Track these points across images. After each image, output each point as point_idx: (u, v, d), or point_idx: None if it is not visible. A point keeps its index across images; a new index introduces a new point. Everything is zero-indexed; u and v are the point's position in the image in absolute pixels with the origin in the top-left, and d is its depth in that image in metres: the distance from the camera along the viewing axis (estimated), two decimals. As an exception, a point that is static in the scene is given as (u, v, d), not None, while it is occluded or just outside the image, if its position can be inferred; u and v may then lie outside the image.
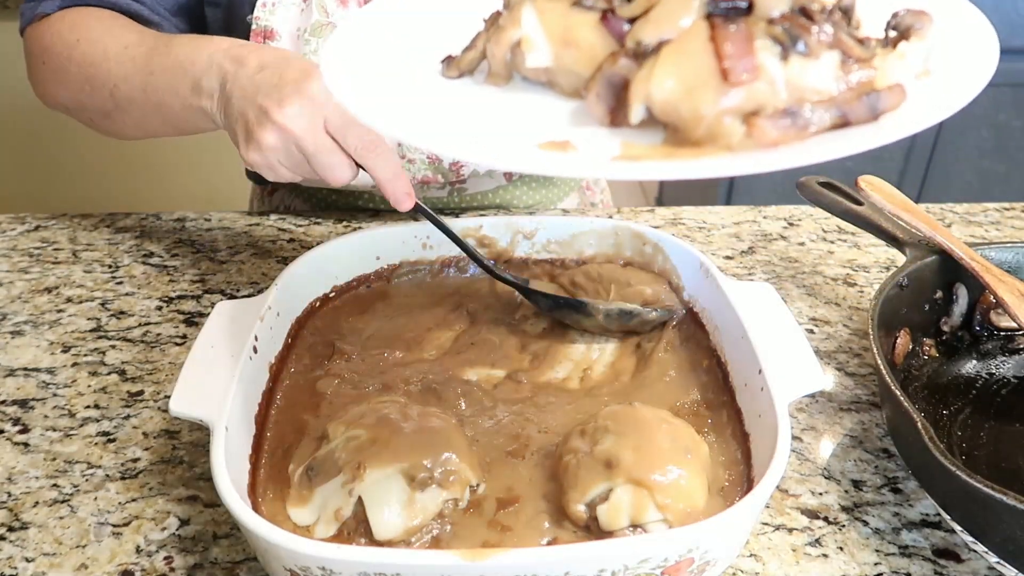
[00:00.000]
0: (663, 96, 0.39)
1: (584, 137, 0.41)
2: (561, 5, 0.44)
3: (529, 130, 0.43)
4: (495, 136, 0.43)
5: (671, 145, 0.40)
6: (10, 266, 0.91)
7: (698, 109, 0.39)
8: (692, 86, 0.39)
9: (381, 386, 0.65)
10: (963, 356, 0.74)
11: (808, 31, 0.39)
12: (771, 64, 0.39)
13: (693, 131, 0.39)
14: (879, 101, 0.38)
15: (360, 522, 0.52)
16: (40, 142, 1.98)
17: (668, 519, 0.51)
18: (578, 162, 0.39)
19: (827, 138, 0.39)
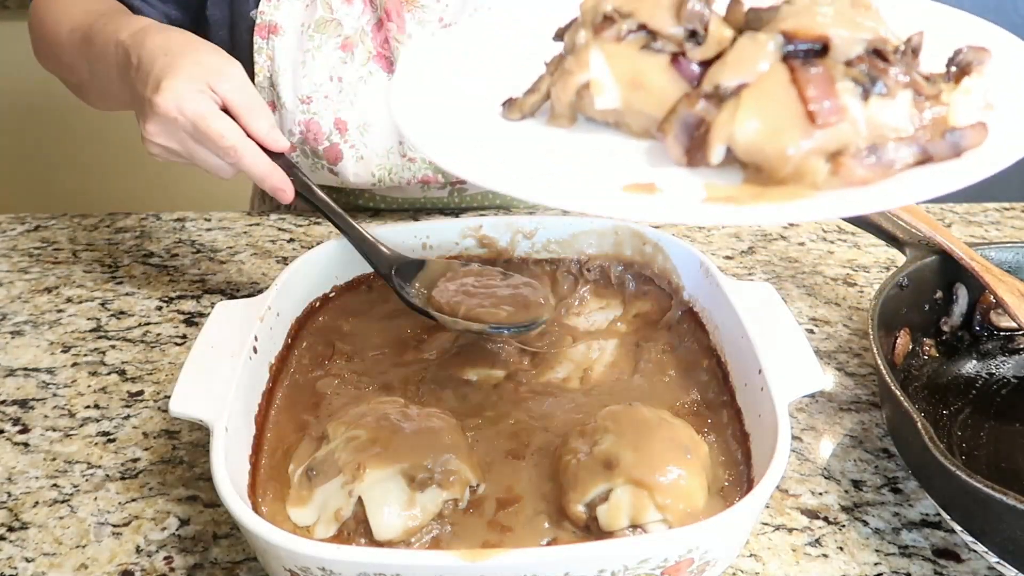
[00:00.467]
0: (748, 138, 0.40)
1: (665, 178, 0.42)
2: (630, 48, 0.45)
3: (610, 172, 0.43)
4: (578, 180, 0.43)
5: (754, 184, 0.41)
6: (10, 266, 0.91)
7: (784, 150, 0.39)
8: (777, 128, 0.40)
9: (381, 386, 0.65)
10: (963, 356, 0.74)
11: (885, 72, 0.40)
12: (853, 105, 0.40)
13: (779, 171, 0.40)
14: (962, 139, 0.39)
15: (360, 522, 0.52)
16: (40, 142, 1.98)
17: (668, 519, 0.51)
18: (670, 207, 0.39)
19: (914, 176, 0.39)
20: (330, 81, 0.91)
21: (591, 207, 0.39)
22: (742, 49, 0.42)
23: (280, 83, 0.91)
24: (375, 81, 0.93)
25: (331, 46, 0.91)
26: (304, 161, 0.95)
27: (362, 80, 0.92)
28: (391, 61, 0.92)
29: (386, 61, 0.93)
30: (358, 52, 0.92)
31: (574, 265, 0.76)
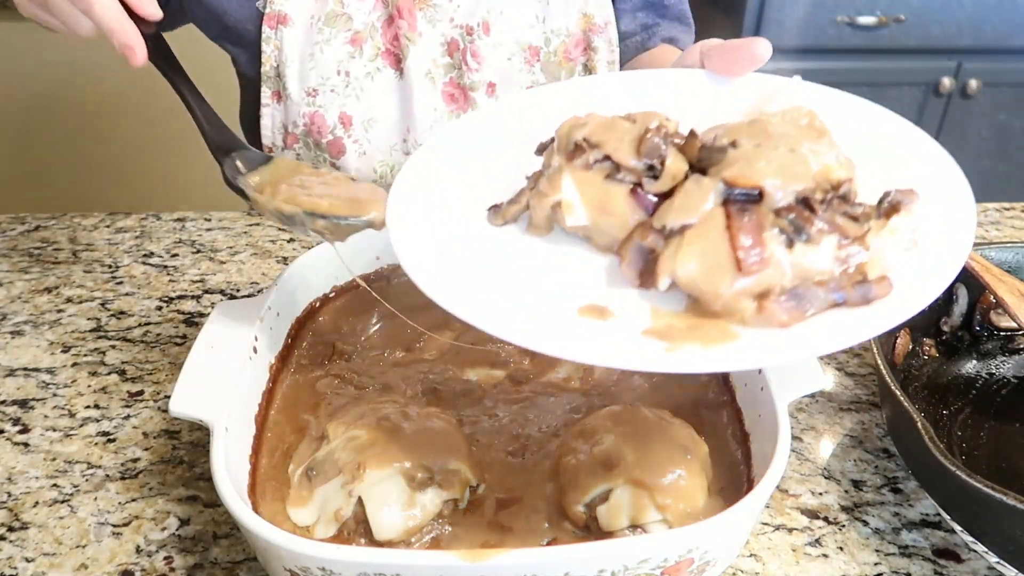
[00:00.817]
0: (686, 275, 0.45)
1: (619, 299, 0.47)
2: (596, 176, 0.50)
3: (571, 291, 0.48)
4: (541, 300, 0.48)
5: (693, 312, 0.45)
6: (10, 266, 0.91)
7: (716, 289, 0.44)
8: (711, 269, 0.44)
9: (381, 386, 0.65)
10: (963, 356, 0.74)
11: (810, 221, 0.44)
12: (779, 252, 0.44)
13: (711, 305, 0.44)
14: (870, 291, 0.43)
15: (360, 522, 0.52)
16: (40, 142, 1.99)
17: (668, 520, 0.51)
18: (610, 355, 0.42)
19: (828, 320, 0.43)
20: (337, 75, 0.91)
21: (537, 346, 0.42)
22: (688, 193, 0.47)
23: (287, 74, 0.91)
24: (382, 78, 0.93)
25: (340, 40, 0.91)
26: (307, 153, 0.95)
27: (369, 76, 0.92)
28: (399, 59, 0.92)
29: (394, 58, 0.93)
30: (367, 48, 0.92)
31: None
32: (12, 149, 1.99)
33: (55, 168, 2.03)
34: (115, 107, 1.94)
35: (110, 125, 1.97)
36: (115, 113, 1.95)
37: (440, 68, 0.93)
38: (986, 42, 1.96)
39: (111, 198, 2.06)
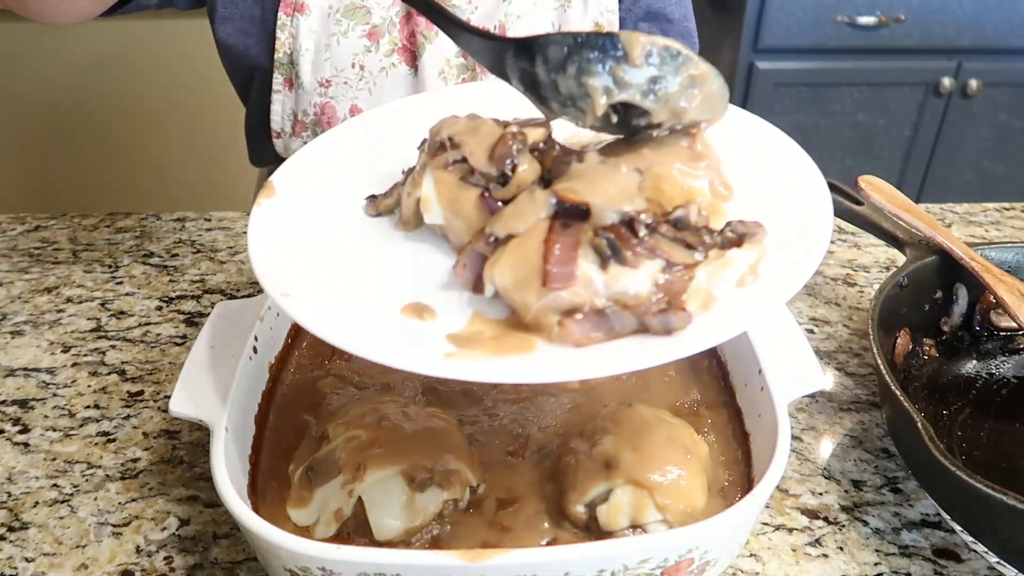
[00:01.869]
0: (502, 284, 0.45)
1: (447, 301, 0.48)
2: (453, 176, 0.51)
3: (404, 287, 0.49)
4: (363, 298, 0.49)
5: (508, 324, 0.46)
6: (10, 266, 0.91)
7: (524, 301, 0.44)
8: (522, 281, 0.44)
9: (381, 386, 0.65)
10: (963, 356, 0.74)
11: (628, 244, 0.44)
12: (591, 271, 0.44)
13: (523, 317, 0.44)
14: (670, 321, 0.43)
15: (360, 523, 0.52)
16: (40, 142, 1.99)
17: (668, 520, 0.51)
18: (409, 358, 0.43)
19: (623, 347, 0.43)
20: (352, 68, 0.92)
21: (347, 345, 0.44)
22: (520, 203, 0.47)
23: (300, 62, 0.92)
24: (396, 73, 0.93)
25: (357, 33, 0.91)
26: None
27: (384, 71, 0.93)
28: (415, 56, 0.93)
29: (410, 55, 0.93)
30: (383, 43, 0.92)
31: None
32: (12, 149, 1.99)
33: (55, 168, 2.03)
34: (115, 107, 1.94)
35: (110, 125, 1.97)
36: (115, 113, 1.95)
37: (454, 68, 0.94)
38: (986, 42, 1.97)
39: (111, 198, 2.06)
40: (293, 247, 0.51)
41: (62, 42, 1.84)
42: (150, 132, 1.99)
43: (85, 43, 1.85)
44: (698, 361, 0.67)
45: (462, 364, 0.42)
